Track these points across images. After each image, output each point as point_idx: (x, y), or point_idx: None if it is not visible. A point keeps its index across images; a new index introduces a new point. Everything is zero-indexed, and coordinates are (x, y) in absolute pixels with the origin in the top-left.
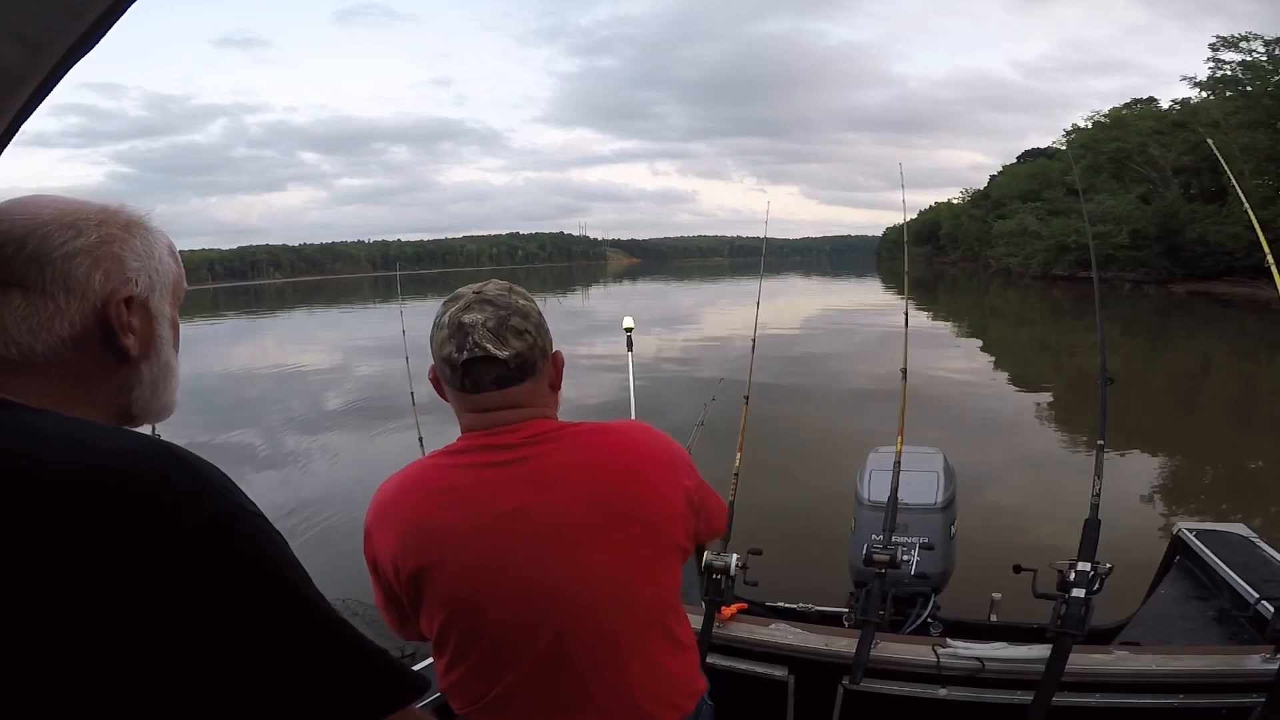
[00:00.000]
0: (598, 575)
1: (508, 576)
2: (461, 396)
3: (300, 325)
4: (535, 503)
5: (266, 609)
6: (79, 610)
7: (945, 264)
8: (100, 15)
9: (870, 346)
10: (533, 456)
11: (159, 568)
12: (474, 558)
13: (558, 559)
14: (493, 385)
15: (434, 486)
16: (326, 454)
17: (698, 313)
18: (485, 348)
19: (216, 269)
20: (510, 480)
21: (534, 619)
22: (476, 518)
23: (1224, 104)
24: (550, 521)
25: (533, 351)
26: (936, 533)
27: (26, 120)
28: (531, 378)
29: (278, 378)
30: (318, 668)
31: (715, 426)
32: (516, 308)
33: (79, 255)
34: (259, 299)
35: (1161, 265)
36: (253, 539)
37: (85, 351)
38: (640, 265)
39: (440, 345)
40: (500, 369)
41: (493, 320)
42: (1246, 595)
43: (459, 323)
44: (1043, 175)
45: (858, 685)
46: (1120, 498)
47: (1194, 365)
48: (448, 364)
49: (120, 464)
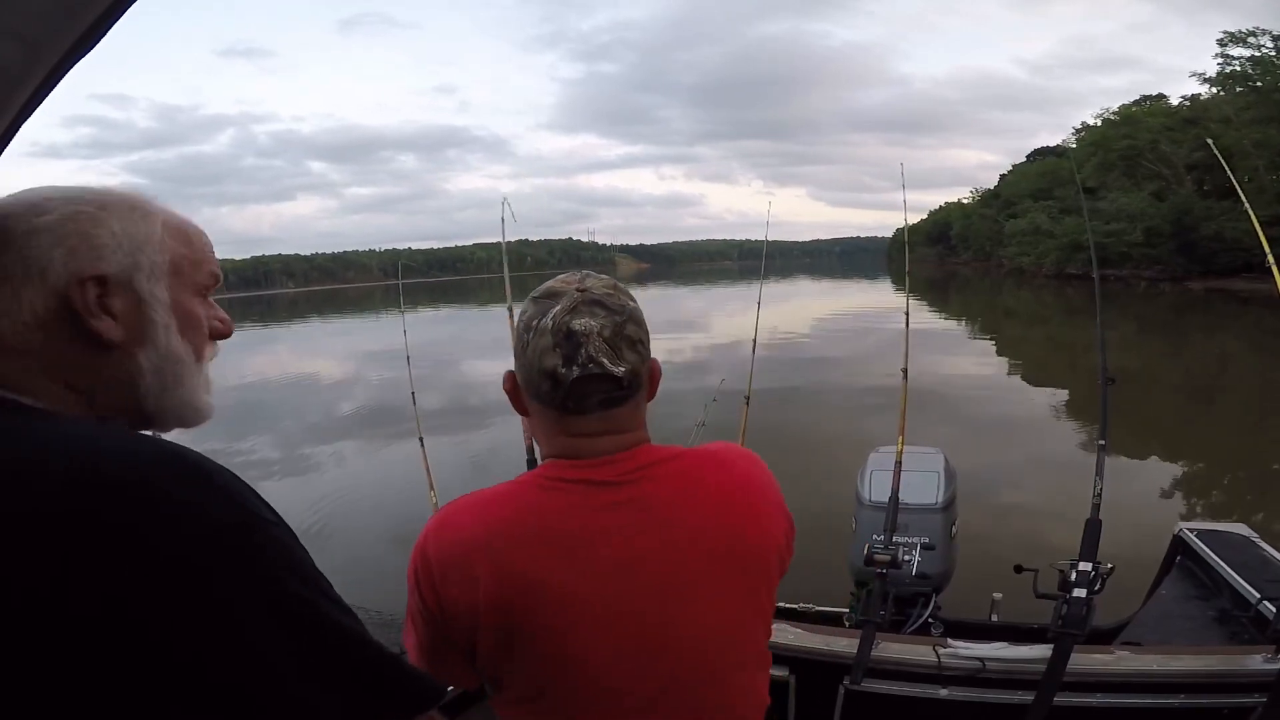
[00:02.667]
0: (716, 626)
1: (626, 633)
2: (559, 417)
3: (316, 332)
4: (652, 549)
5: (278, 619)
6: (83, 620)
7: (957, 264)
8: (99, 16)
9: (879, 348)
10: (643, 496)
11: (166, 576)
12: (588, 615)
13: (677, 610)
14: (599, 406)
15: (535, 529)
16: (333, 458)
17: (704, 317)
18: (602, 363)
19: (231, 279)
20: (626, 526)
21: (649, 674)
22: (593, 570)
23: (1234, 100)
24: (669, 570)
25: (644, 366)
26: (937, 533)
27: (26, 121)
28: (637, 395)
29: (294, 385)
30: (334, 677)
31: (716, 427)
32: (631, 313)
33: (40, 233)
34: (273, 309)
35: (1177, 262)
36: (264, 548)
37: (53, 335)
38: (649, 270)
39: (540, 355)
40: (612, 388)
41: (608, 329)
42: (1248, 595)
43: (568, 330)
44: (1053, 174)
45: (858, 685)
46: (1125, 497)
47: (1210, 363)
48: (550, 378)
49: (124, 468)
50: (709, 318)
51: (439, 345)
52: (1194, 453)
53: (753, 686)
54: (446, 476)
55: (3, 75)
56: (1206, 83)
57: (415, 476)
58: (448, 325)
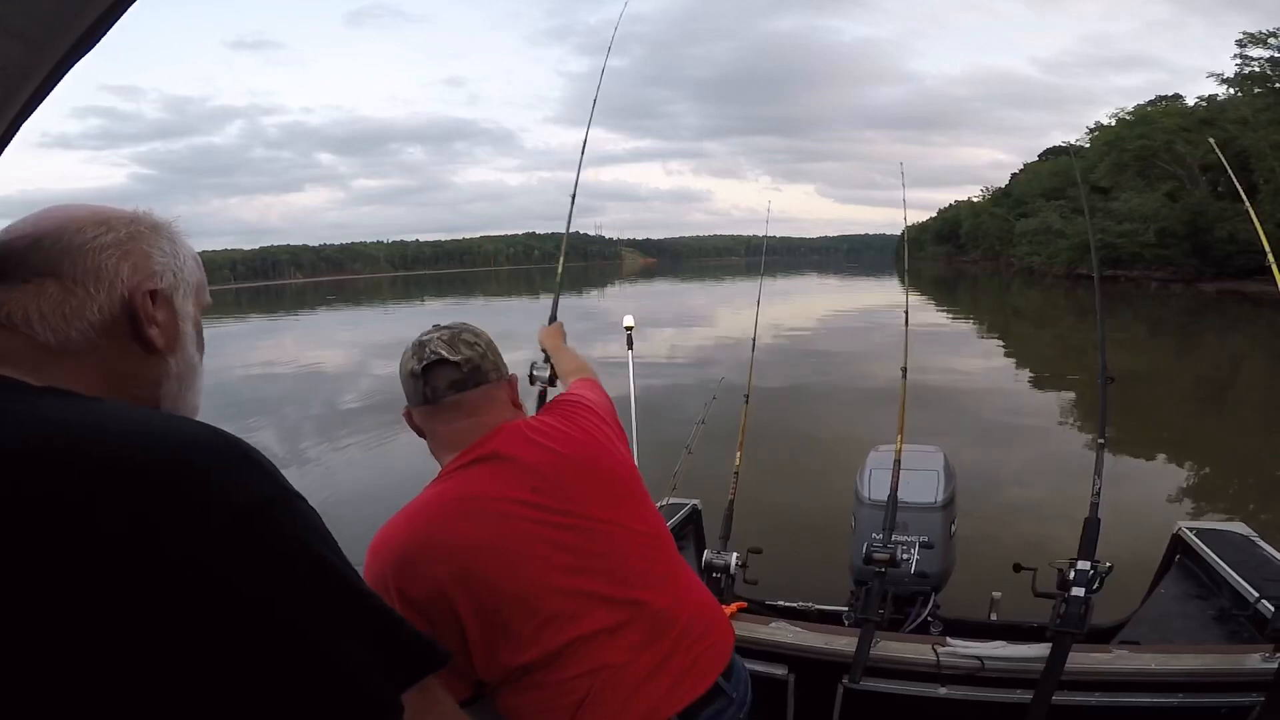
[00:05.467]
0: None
1: (569, 559)
2: (429, 412)
3: (324, 322)
4: (542, 471)
5: (316, 589)
6: (164, 567)
7: (966, 263)
8: (101, 14)
9: (881, 347)
10: (513, 455)
11: (209, 551)
12: (524, 546)
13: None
14: (450, 390)
15: (459, 510)
16: (332, 449)
17: (709, 312)
18: (440, 353)
19: (239, 269)
20: (515, 478)
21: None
22: (508, 519)
23: (1252, 101)
24: (570, 496)
25: (485, 362)
26: (936, 531)
27: (27, 119)
28: (485, 384)
29: (298, 375)
30: (371, 637)
31: (716, 425)
32: (468, 328)
33: (109, 248)
34: (280, 299)
35: (1189, 263)
36: (302, 519)
37: (114, 339)
38: (656, 265)
39: (405, 364)
40: (454, 372)
41: (446, 335)
42: (1246, 594)
43: (419, 343)
44: (1065, 173)
45: (858, 684)
46: (1126, 497)
47: (1219, 365)
48: (411, 376)
49: (173, 445)
50: (714, 313)
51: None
52: (1198, 454)
53: (687, 588)
54: None
55: (4, 74)
56: (1225, 83)
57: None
58: (456, 317)
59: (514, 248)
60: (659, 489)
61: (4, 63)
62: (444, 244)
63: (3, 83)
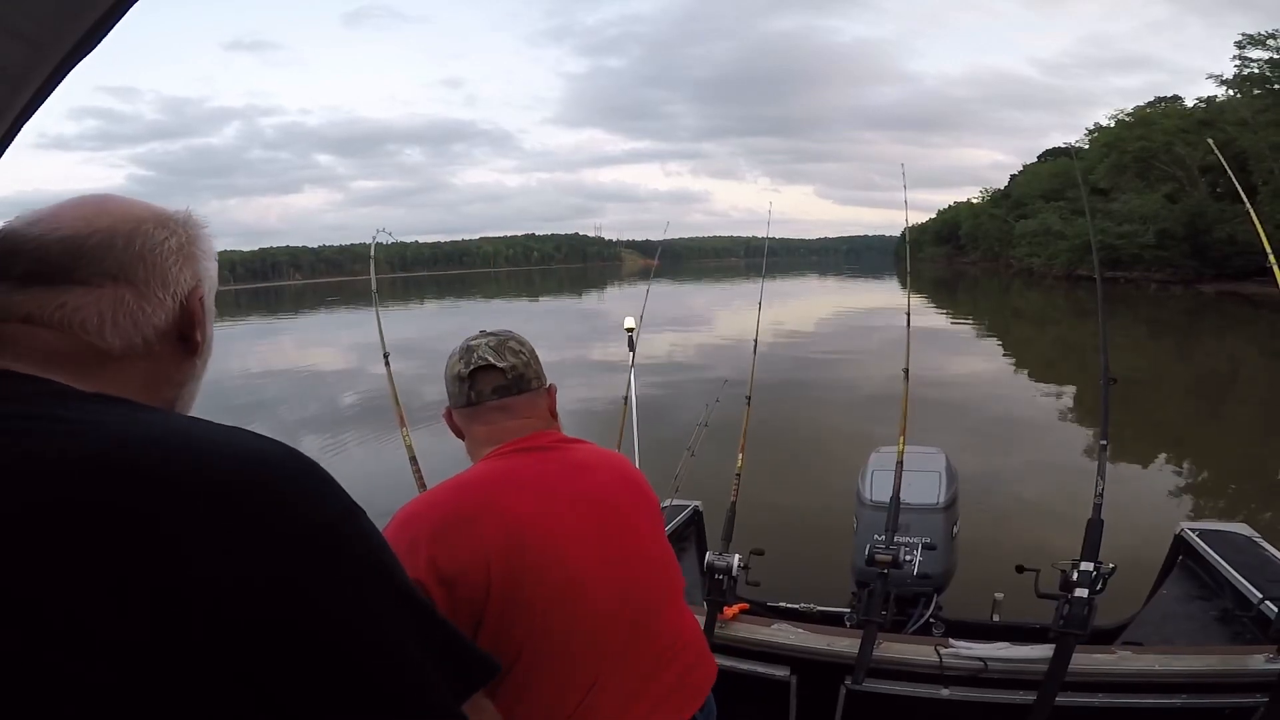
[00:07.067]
0: (656, 552)
1: (602, 552)
2: (472, 413)
3: (323, 324)
4: (595, 486)
5: (394, 596)
6: (220, 609)
7: (965, 264)
8: (102, 16)
9: (882, 347)
10: (568, 456)
11: (292, 566)
12: (575, 541)
13: (631, 537)
14: (494, 394)
15: (520, 480)
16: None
17: (709, 314)
18: (487, 359)
19: (238, 270)
20: (566, 471)
21: (619, 585)
22: (568, 503)
23: (1252, 102)
24: (613, 501)
25: (529, 370)
26: (939, 533)
27: (29, 120)
28: (528, 391)
29: (300, 373)
30: (438, 651)
31: (718, 427)
32: (514, 337)
33: (174, 254)
34: (280, 299)
35: (1189, 265)
36: (371, 535)
37: (167, 342)
38: (658, 266)
39: (452, 367)
40: (499, 378)
41: (494, 342)
42: (1250, 595)
43: (467, 347)
44: (1065, 174)
45: (860, 685)
46: (1128, 498)
47: (1219, 366)
48: (457, 379)
49: (254, 463)
50: (714, 315)
51: (445, 338)
52: (1199, 455)
53: (688, 618)
54: (444, 467)
55: (5, 75)
56: (1224, 85)
57: None
58: (458, 317)
59: (513, 249)
60: (661, 491)
61: (6, 63)
62: (443, 245)
63: (5, 83)
